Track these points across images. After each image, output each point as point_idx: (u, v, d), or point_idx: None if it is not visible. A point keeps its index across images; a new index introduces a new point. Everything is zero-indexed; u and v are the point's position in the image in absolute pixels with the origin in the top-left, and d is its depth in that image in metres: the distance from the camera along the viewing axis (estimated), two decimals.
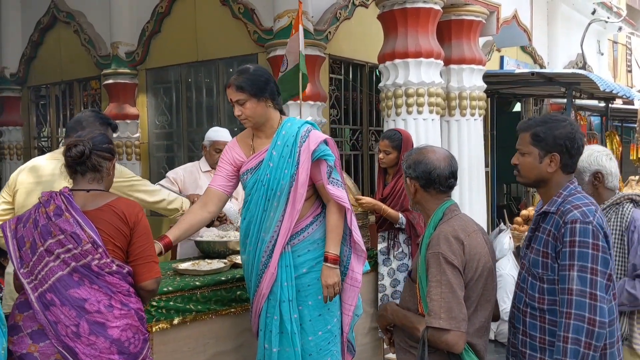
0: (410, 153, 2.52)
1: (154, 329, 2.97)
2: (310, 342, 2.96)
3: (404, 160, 2.51)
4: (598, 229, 2.15)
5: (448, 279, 2.20)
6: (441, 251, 2.24)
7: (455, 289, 2.20)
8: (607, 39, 14.48)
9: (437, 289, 2.21)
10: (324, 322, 2.99)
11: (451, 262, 2.22)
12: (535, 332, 2.28)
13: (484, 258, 2.31)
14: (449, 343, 2.18)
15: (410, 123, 5.64)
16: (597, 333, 2.07)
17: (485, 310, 2.33)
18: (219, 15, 6.83)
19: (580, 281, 2.10)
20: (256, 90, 2.91)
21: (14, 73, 9.20)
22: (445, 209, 2.40)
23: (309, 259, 2.99)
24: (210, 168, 4.44)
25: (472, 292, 2.28)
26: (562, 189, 2.30)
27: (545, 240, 2.26)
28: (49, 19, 8.66)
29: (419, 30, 5.56)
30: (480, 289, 2.30)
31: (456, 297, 2.19)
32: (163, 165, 7.70)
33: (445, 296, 2.19)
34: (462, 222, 2.36)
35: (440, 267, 2.23)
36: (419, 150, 2.48)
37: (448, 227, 2.31)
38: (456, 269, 2.22)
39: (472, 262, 2.27)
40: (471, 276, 2.27)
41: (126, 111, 7.79)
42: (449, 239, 2.26)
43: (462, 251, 2.25)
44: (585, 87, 8.39)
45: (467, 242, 2.27)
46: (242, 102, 2.94)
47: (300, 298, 2.98)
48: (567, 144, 2.27)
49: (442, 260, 2.23)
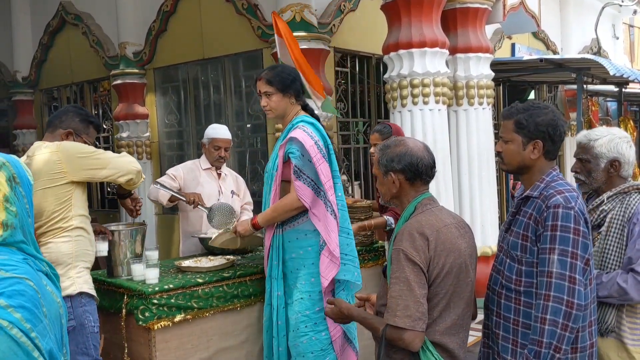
0: (386, 146, 2.40)
1: (156, 326, 2.99)
2: (291, 320, 3.25)
3: (381, 155, 2.39)
4: (579, 215, 2.17)
5: (406, 277, 2.14)
6: (402, 248, 2.18)
7: (413, 286, 2.13)
8: (622, 22, 14.23)
9: (396, 286, 2.16)
10: (303, 306, 3.21)
11: (412, 259, 2.16)
12: (510, 313, 2.30)
13: (453, 254, 2.23)
14: (405, 341, 2.13)
15: (416, 114, 5.60)
16: (575, 315, 2.11)
17: (457, 307, 2.26)
18: (223, 12, 6.83)
19: (561, 264, 2.13)
20: (283, 86, 3.24)
21: (26, 76, 9.31)
22: (417, 202, 2.33)
23: (296, 247, 3.24)
24: (210, 165, 4.44)
25: (440, 289, 2.21)
26: (544, 175, 2.31)
27: (526, 224, 2.27)
28: (57, 22, 8.73)
29: (423, 19, 5.51)
30: (451, 286, 2.23)
31: (414, 295, 2.13)
32: (173, 163, 7.69)
33: (403, 294, 2.13)
34: (432, 216, 2.28)
35: (400, 264, 2.17)
36: (398, 142, 2.38)
37: (415, 223, 2.25)
38: (417, 266, 2.16)
39: (438, 258, 2.19)
40: (437, 273, 2.19)
41: (136, 111, 7.83)
42: (413, 234, 2.20)
43: (426, 247, 2.18)
44: (596, 72, 8.26)
45: (433, 238, 2.20)
46: (269, 94, 3.26)
47: (287, 281, 3.28)
48: (550, 130, 2.27)
49: (402, 257, 2.17)
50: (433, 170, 2.37)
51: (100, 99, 8.87)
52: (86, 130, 3.25)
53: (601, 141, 2.76)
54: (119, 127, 7.97)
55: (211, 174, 4.44)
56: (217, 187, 4.42)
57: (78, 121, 3.22)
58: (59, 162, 2.96)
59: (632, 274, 2.59)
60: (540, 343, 2.12)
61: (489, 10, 6.35)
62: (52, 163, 2.96)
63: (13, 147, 9.53)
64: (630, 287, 2.58)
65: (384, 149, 2.39)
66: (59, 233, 2.94)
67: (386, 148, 2.39)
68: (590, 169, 2.79)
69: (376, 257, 4.18)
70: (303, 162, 3.13)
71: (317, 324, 3.21)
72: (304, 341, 3.19)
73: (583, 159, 2.81)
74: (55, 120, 3.22)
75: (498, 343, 2.36)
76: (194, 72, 7.43)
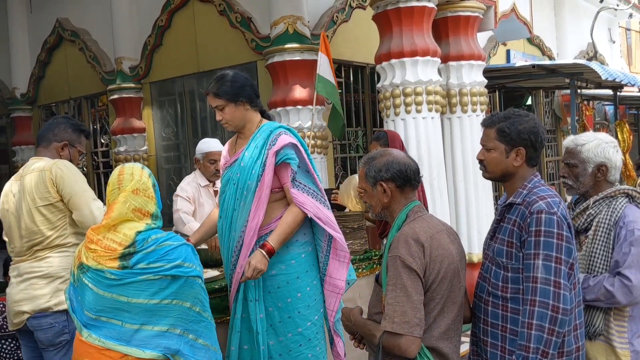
0: (371, 158, 2.41)
1: None
2: (280, 342, 3.02)
3: (368, 168, 2.39)
4: (562, 220, 2.19)
5: (403, 283, 2.17)
6: (399, 254, 2.21)
7: (410, 293, 2.16)
8: (618, 26, 14.26)
9: (393, 293, 2.18)
10: (294, 325, 3.02)
11: (409, 266, 2.18)
12: (497, 320, 2.32)
13: (447, 259, 2.27)
14: (402, 348, 2.14)
15: (409, 123, 5.62)
16: (561, 320, 2.12)
17: (451, 312, 2.29)
18: (217, 26, 6.88)
19: (545, 269, 2.15)
20: (232, 96, 3.00)
21: (24, 93, 9.35)
22: (408, 210, 2.36)
23: (277, 262, 3.00)
24: (208, 182, 4.43)
25: (435, 294, 2.24)
26: (526, 181, 2.34)
27: (510, 230, 2.29)
28: (55, 38, 8.78)
29: (414, 29, 5.55)
30: (445, 291, 2.26)
31: (411, 302, 2.15)
32: (171, 176, 7.77)
33: (400, 300, 2.16)
34: (424, 223, 2.31)
35: (396, 271, 2.19)
36: (382, 153, 2.41)
37: (409, 230, 2.27)
38: (414, 272, 2.18)
39: (433, 264, 2.22)
40: (433, 278, 2.22)
41: (133, 125, 7.87)
42: (409, 241, 2.22)
43: (422, 254, 2.21)
44: (589, 76, 8.29)
45: (428, 244, 2.23)
46: (220, 107, 3.03)
47: (271, 299, 3.03)
48: (532, 137, 2.30)
49: (399, 264, 2.19)
50: (419, 175, 2.41)
51: (98, 114, 8.92)
52: (79, 140, 3.30)
53: (588, 146, 2.80)
54: (117, 142, 8.01)
55: (208, 192, 4.43)
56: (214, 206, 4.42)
57: (71, 132, 3.26)
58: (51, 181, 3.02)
59: (619, 278, 2.61)
60: (528, 348, 2.14)
61: (480, 18, 6.39)
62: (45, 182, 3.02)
63: (12, 163, 9.58)
64: (617, 291, 2.60)
65: (369, 162, 2.41)
66: (56, 249, 2.99)
67: (371, 160, 2.41)
68: (577, 173, 2.82)
69: (370, 266, 4.19)
70: (299, 170, 3.00)
71: (312, 340, 3.07)
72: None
73: (570, 164, 2.84)
74: (47, 134, 3.24)
75: (487, 350, 2.38)
76: (190, 85, 7.48)
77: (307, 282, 3.07)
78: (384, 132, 4.41)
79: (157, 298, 2.34)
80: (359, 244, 4.12)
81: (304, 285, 3.05)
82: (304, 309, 3.05)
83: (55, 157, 3.23)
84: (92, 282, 2.35)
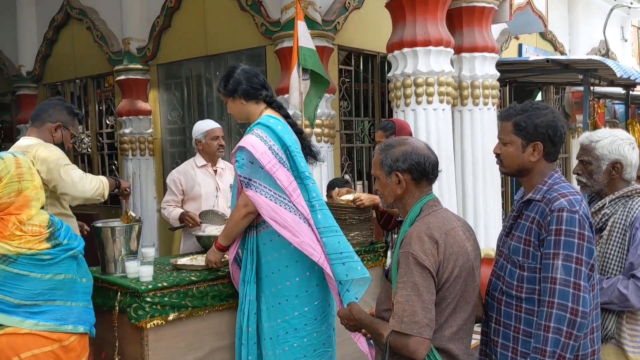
0: (389, 145, 2.31)
1: (149, 325, 2.95)
2: (267, 327, 3.12)
3: (384, 155, 2.29)
4: (584, 219, 2.10)
5: (414, 281, 2.07)
6: (412, 251, 2.10)
7: (421, 291, 2.06)
8: (631, 25, 14.11)
9: (403, 291, 2.08)
10: (282, 312, 3.10)
11: (421, 263, 2.08)
12: (510, 320, 2.24)
13: (462, 257, 2.17)
14: (410, 349, 2.04)
15: (420, 114, 5.53)
16: (579, 323, 2.04)
17: (464, 312, 2.20)
18: (227, 9, 6.78)
19: (565, 270, 2.06)
20: (229, 92, 3.20)
21: (30, 71, 9.27)
22: (423, 204, 2.26)
23: (271, 249, 3.11)
24: (206, 162, 4.39)
25: (448, 294, 2.14)
26: (546, 177, 2.25)
27: (528, 228, 2.20)
28: (62, 16, 8.69)
29: (428, 18, 5.44)
30: (459, 290, 2.17)
31: (422, 301, 2.06)
32: (176, 160, 7.68)
33: (410, 299, 2.06)
34: (439, 218, 2.21)
35: (408, 268, 2.09)
36: (401, 142, 2.30)
37: (423, 225, 2.17)
38: (426, 270, 2.08)
39: (447, 262, 2.12)
40: (447, 277, 2.13)
41: (139, 107, 7.79)
42: (422, 237, 2.12)
43: (435, 251, 2.11)
44: (603, 73, 8.17)
45: (442, 241, 2.13)
46: (226, 102, 3.28)
47: (266, 284, 3.13)
48: (550, 132, 2.21)
49: (411, 261, 2.09)
50: (438, 169, 2.31)
51: (104, 94, 8.84)
52: (72, 123, 3.29)
53: (603, 142, 2.71)
54: (122, 123, 7.94)
55: (207, 171, 4.40)
56: (214, 184, 4.38)
57: (66, 113, 3.24)
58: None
59: (633, 280, 2.53)
60: (544, 352, 2.06)
61: (495, 9, 6.28)
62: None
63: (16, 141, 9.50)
64: (631, 294, 2.52)
65: (387, 149, 2.31)
66: None
67: (389, 147, 2.31)
68: (591, 170, 2.73)
69: (376, 258, 4.11)
70: (253, 170, 3.01)
71: (298, 330, 3.09)
72: (285, 348, 3.07)
73: (584, 161, 2.76)
74: (42, 114, 3.22)
75: (497, 351, 2.30)
76: (198, 68, 7.38)
77: (296, 272, 3.10)
78: (392, 121, 4.29)
79: (71, 273, 2.64)
80: (365, 235, 4.03)
81: (292, 275, 3.10)
82: (293, 298, 3.10)
83: (48, 137, 3.25)
84: (27, 268, 2.50)
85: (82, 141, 8.90)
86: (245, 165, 3.02)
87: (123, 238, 3.28)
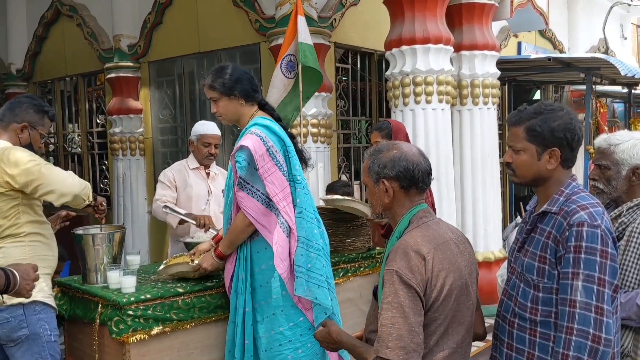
0: (377, 150, 2.13)
1: (131, 339, 2.77)
2: (262, 338, 2.99)
3: (372, 161, 2.11)
4: (607, 234, 1.88)
5: (400, 302, 1.87)
6: (396, 268, 1.91)
7: (407, 313, 1.86)
8: (630, 23, 13.97)
9: (388, 313, 1.88)
10: (277, 323, 2.98)
11: (407, 282, 1.88)
12: (524, 345, 2.01)
13: (454, 274, 1.96)
14: None
15: (418, 114, 5.38)
16: (602, 352, 1.81)
17: (457, 334, 1.99)
18: (220, 5, 6.59)
19: (586, 292, 1.83)
20: (227, 89, 3.01)
21: (20, 69, 9.08)
22: (411, 216, 2.06)
23: (265, 257, 2.98)
24: (199, 165, 4.23)
25: (438, 314, 1.94)
26: (563, 186, 2.02)
27: (543, 243, 1.97)
28: (52, 13, 8.48)
29: (427, 14, 5.29)
30: (450, 310, 1.96)
31: (408, 324, 1.86)
32: (167, 160, 7.49)
33: (396, 322, 1.86)
34: (429, 231, 2.01)
35: (393, 287, 1.90)
36: (390, 146, 2.11)
37: (410, 239, 1.97)
38: (412, 289, 1.88)
39: (436, 279, 1.92)
40: (435, 296, 1.93)
41: (129, 105, 7.59)
42: (408, 253, 1.92)
43: (423, 268, 1.91)
44: (605, 72, 8.02)
45: (430, 257, 1.93)
46: (215, 99, 3.06)
47: (261, 294, 3.00)
48: (568, 136, 1.98)
49: (396, 279, 1.89)
50: (429, 177, 2.10)
51: (95, 93, 8.64)
52: (41, 122, 3.04)
53: (623, 146, 2.51)
54: (112, 122, 7.75)
55: (199, 174, 4.24)
56: (206, 187, 4.22)
57: (33, 112, 3.00)
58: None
59: None
60: None
61: (495, 6, 6.12)
62: None
63: None
64: None
65: (375, 154, 2.12)
66: (9, 239, 2.76)
67: (377, 152, 2.12)
68: (610, 176, 2.54)
69: (373, 265, 3.93)
70: (249, 173, 2.90)
71: (292, 341, 2.97)
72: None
73: (602, 166, 2.56)
74: (8, 113, 2.99)
75: None
76: (190, 65, 7.19)
77: None
78: (388, 122, 4.13)
79: None
80: (362, 241, 3.86)
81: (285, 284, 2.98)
82: (288, 308, 2.98)
83: (14, 139, 2.98)
84: None
85: (72, 140, 8.71)
86: (245, 167, 2.92)
87: (105, 246, 3.10)
